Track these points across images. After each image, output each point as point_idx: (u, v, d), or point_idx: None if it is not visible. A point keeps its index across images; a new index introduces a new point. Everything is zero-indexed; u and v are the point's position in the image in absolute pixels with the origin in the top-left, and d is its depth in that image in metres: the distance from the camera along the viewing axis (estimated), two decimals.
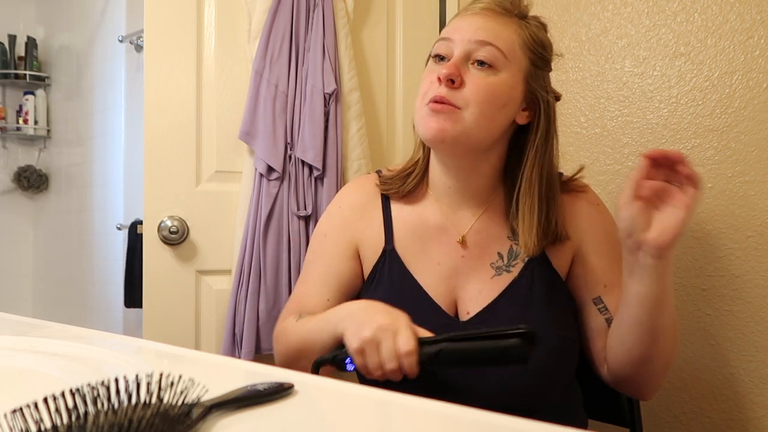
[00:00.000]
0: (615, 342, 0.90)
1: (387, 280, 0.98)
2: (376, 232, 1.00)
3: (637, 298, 0.83)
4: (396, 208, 1.01)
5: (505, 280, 0.94)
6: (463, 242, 0.97)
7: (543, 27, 0.96)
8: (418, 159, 1.01)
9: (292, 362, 0.95)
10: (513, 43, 0.90)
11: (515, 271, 0.94)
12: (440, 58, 0.92)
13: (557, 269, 0.95)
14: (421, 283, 0.96)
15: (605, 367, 0.94)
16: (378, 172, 1.07)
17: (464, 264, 0.96)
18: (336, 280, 1.00)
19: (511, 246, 0.96)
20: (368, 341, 0.77)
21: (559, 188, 0.98)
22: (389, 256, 0.98)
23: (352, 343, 0.78)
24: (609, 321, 0.94)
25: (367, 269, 1.01)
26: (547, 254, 0.95)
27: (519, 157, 0.96)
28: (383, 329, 0.76)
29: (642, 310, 0.83)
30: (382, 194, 1.02)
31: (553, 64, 0.97)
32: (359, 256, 1.02)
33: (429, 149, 1.00)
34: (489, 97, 0.88)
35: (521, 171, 0.95)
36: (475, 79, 0.88)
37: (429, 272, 0.96)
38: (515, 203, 0.95)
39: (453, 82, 0.87)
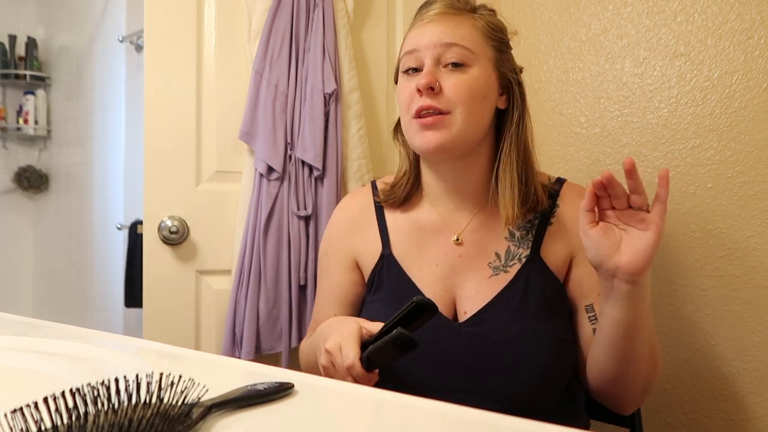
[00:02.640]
0: (591, 359, 0.91)
1: (385, 284, 0.99)
2: (373, 241, 1.02)
3: (611, 322, 0.83)
4: (391, 214, 1.04)
5: (502, 280, 0.94)
6: (459, 241, 0.97)
7: (493, 12, 0.99)
8: (406, 170, 1.03)
9: None
10: (475, 37, 0.93)
11: (512, 271, 0.94)
12: (413, 70, 0.94)
13: (554, 271, 0.95)
14: (418, 285, 0.96)
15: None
16: (372, 182, 1.09)
17: (462, 263, 0.96)
18: (340, 295, 1.05)
19: (508, 246, 0.96)
20: (325, 367, 0.84)
21: (558, 190, 0.99)
22: (386, 260, 1.00)
23: (321, 371, 0.85)
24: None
25: (367, 276, 1.03)
26: (543, 256, 0.95)
27: (498, 140, 0.98)
28: (330, 352, 0.82)
29: (616, 335, 0.83)
30: (375, 203, 1.05)
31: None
32: (359, 267, 1.05)
33: (417, 157, 1.02)
34: (470, 93, 0.90)
35: (499, 151, 0.96)
36: (452, 81, 0.90)
37: (427, 273, 0.97)
38: (494, 181, 0.96)
39: (432, 89, 0.89)
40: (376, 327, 0.83)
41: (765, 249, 1.15)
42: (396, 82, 1.00)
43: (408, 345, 0.74)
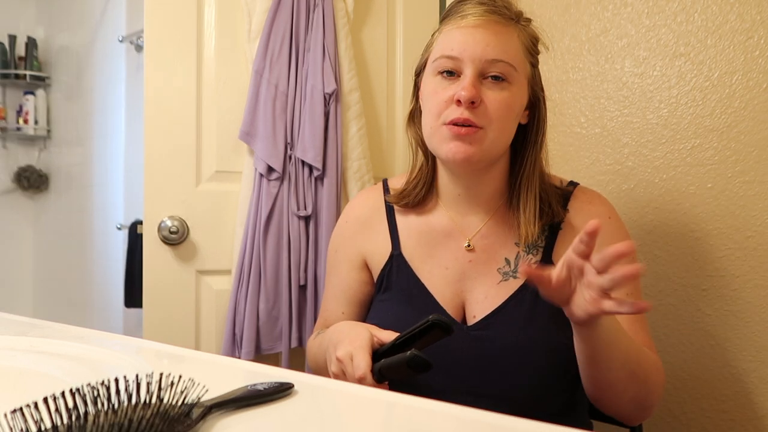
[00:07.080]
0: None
1: (395, 284, 0.99)
2: (383, 241, 1.02)
3: (576, 350, 0.84)
4: (402, 215, 1.03)
5: (512, 285, 0.93)
6: (470, 246, 0.97)
7: (530, 21, 0.96)
8: (421, 168, 1.01)
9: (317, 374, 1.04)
10: (519, 53, 0.90)
11: (522, 277, 0.93)
12: (449, 73, 0.90)
13: None
14: (428, 287, 0.96)
15: None
16: (384, 181, 1.08)
17: (472, 268, 0.96)
18: (347, 293, 1.05)
19: (518, 252, 0.95)
20: (335, 374, 0.84)
21: (569, 194, 0.98)
22: (396, 260, 0.99)
23: (331, 377, 0.85)
24: None
25: (376, 276, 1.02)
26: (554, 261, 0.94)
27: (515, 152, 0.97)
28: (341, 360, 0.82)
29: (581, 361, 0.85)
30: (386, 203, 1.04)
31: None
32: (368, 266, 1.04)
33: (434, 158, 1.00)
34: (506, 112, 0.89)
35: (522, 167, 0.95)
36: (493, 96, 0.88)
37: (437, 276, 0.97)
38: (515, 197, 0.95)
39: (474, 103, 0.87)
40: (387, 336, 0.83)
41: (765, 249, 1.15)
42: (417, 74, 0.97)
43: (422, 367, 0.74)
